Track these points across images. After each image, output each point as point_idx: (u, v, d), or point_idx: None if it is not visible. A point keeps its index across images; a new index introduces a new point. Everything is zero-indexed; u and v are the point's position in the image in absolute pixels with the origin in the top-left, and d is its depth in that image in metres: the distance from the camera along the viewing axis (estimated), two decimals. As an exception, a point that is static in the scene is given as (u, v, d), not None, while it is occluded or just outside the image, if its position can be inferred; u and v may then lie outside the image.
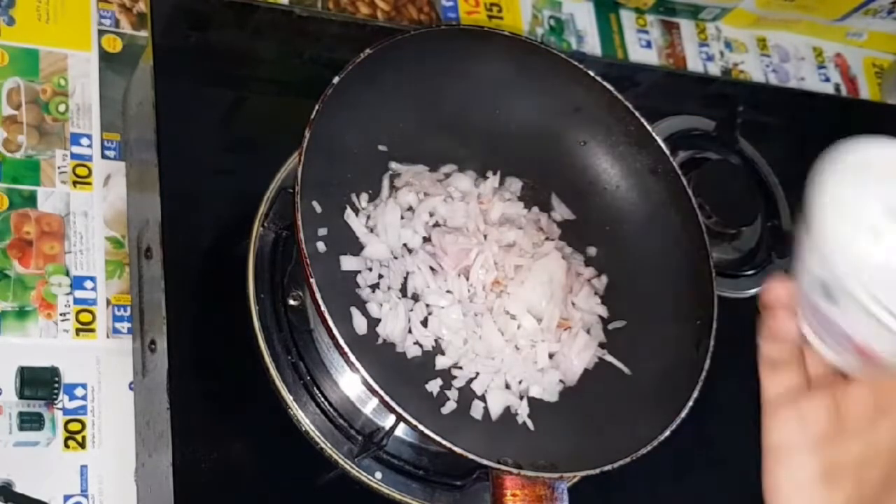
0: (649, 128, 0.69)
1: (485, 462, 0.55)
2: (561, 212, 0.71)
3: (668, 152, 0.69)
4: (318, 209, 0.62)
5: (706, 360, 0.62)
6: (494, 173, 0.70)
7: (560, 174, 0.72)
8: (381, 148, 0.67)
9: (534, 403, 0.63)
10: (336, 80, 0.60)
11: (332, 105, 0.59)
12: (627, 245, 0.70)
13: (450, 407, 0.61)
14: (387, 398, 0.55)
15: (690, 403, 0.59)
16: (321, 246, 0.62)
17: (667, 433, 0.58)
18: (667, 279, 0.68)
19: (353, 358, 0.55)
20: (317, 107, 0.59)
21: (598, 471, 0.56)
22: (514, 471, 0.56)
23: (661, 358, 0.64)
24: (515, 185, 0.71)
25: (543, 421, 0.63)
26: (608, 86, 0.69)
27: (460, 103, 0.69)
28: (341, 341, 0.55)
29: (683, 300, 0.66)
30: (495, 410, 0.62)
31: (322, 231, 0.62)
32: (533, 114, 0.71)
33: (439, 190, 0.67)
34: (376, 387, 0.55)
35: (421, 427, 0.55)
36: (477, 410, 0.62)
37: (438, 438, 0.55)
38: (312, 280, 0.56)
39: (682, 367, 0.62)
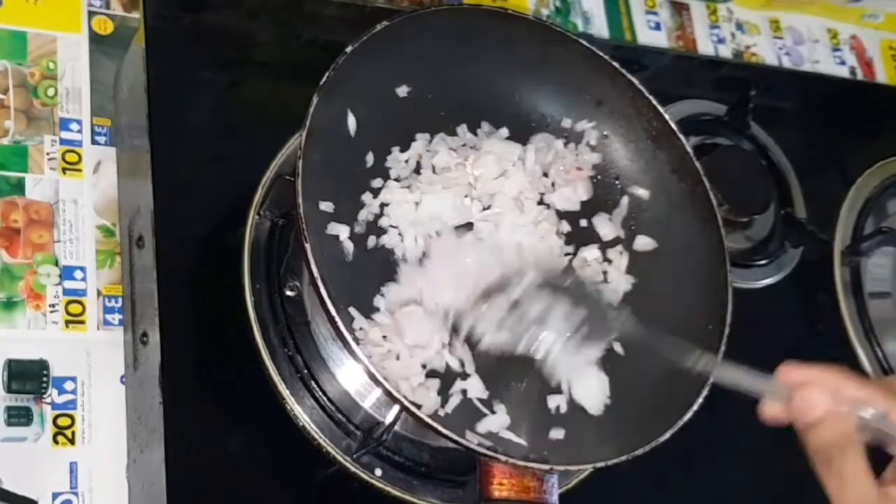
0: (674, 126, 0.68)
1: (474, 447, 0.55)
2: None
3: (691, 152, 0.67)
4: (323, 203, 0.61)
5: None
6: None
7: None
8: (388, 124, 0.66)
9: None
10: (349, 48, 0.59)
11: (342, 74, 0.58)
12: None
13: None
14: (385, 384, 0.54)
15: (694, 408, 0.58)
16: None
17: (666, 436, 0.57)
18: (679, 281, 0.66)
19: (354, 346, 0.54)
20: (328, 74, 0.58)
21: (590, 467, 0.55)
22: (503, 458, 0.55)
23: (667, 360, 0.63)
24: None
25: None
26: (634, 80, 0.68)
27: (479, 86, 0.68)
28: (340, 324, 0.54)
29: (695, 304, 0.65)
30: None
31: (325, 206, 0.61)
32: (554, 104, 0.70)
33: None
34: (375, 372, 0.54)
35: (415, 410, 0.54)
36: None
37: (430, 421, 0.54)
38: (311, 258, 0.54)
39: (688, 373, 0.60)
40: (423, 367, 0.60)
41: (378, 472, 0.62)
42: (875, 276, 0.87)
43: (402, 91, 0.66)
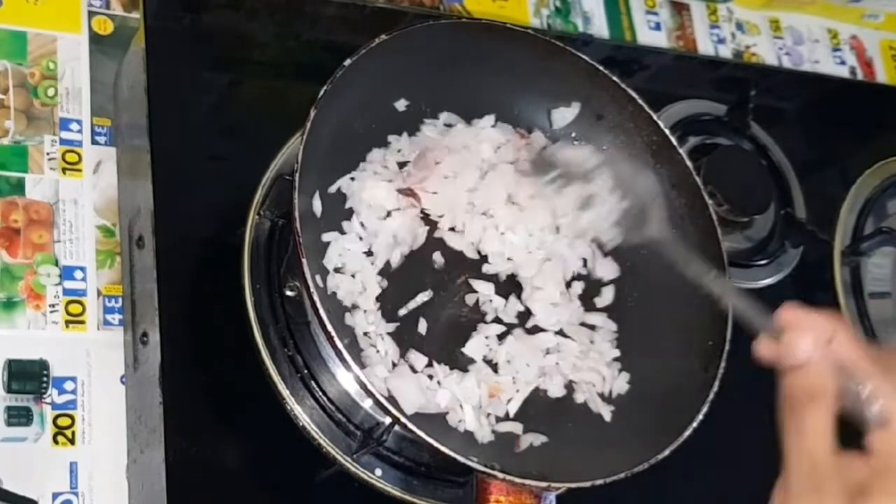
0: (673, 140, 0.68)
1: (471, 465, 0.54)
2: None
3: (691, 166, 0.67)
4: (318, 204, 0.61)
5: (715, 382, 0.60)
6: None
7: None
8: (388, 138, 0.66)
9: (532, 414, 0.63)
10: (347, 62, 0.59)
11: (339, 88, 0.58)
12: (641, 256, 0.69)
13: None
14: (379, 397, 0.54)
15: (694, 425, 0.58)
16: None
17: (666, 453, 0.57)
18: (680, 295, 0.66)
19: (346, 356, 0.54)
20: (325, 88, 0.58)
21: (588, 484, 0.55)
22: (500, 476, 0.54)
23: (668, 375, 0.63)
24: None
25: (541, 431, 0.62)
26: (633, 94, 0.68)
27: (477, 101, 0.68)
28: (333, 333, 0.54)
29: (696, 319, 0.64)
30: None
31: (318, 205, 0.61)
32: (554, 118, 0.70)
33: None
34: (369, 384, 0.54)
35: (407, 422, 0.54)
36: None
37: (425, 437, 0.54)
38: (306, 269, 0.54)
39: (690, 387, 0.61)
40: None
41: (378, 472, 0.62)
42: (875, 276, 0.87)
43: (401, 105, 0.66)
